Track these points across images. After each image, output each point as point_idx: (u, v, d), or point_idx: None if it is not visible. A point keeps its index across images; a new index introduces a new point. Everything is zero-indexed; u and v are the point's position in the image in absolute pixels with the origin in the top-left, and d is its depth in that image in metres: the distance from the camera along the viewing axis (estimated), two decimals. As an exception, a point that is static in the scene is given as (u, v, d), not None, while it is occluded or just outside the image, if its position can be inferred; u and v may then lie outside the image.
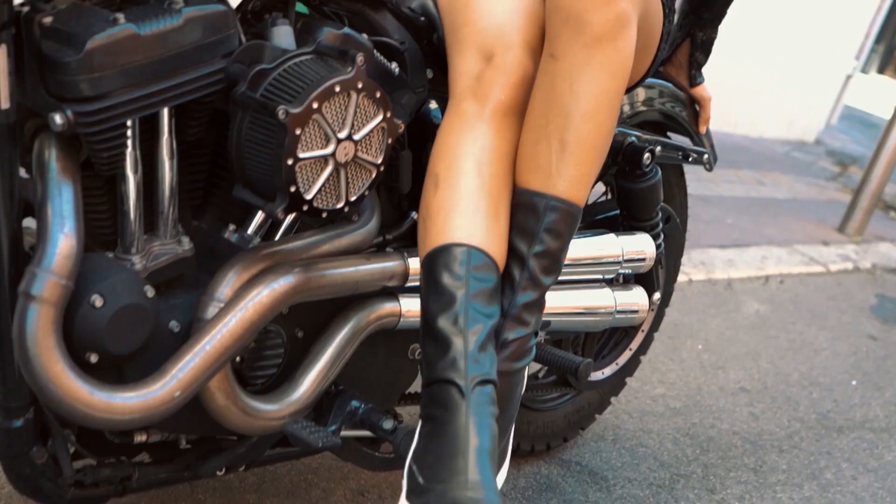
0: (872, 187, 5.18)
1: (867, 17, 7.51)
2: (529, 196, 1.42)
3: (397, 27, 1.60)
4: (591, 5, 1.38)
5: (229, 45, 1.31)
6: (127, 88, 1.22)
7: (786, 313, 3.89)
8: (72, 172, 1.24)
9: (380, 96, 1.36)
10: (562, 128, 1.40)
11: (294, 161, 1.28)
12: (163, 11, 1.25)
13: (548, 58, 1.42)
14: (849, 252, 4.97)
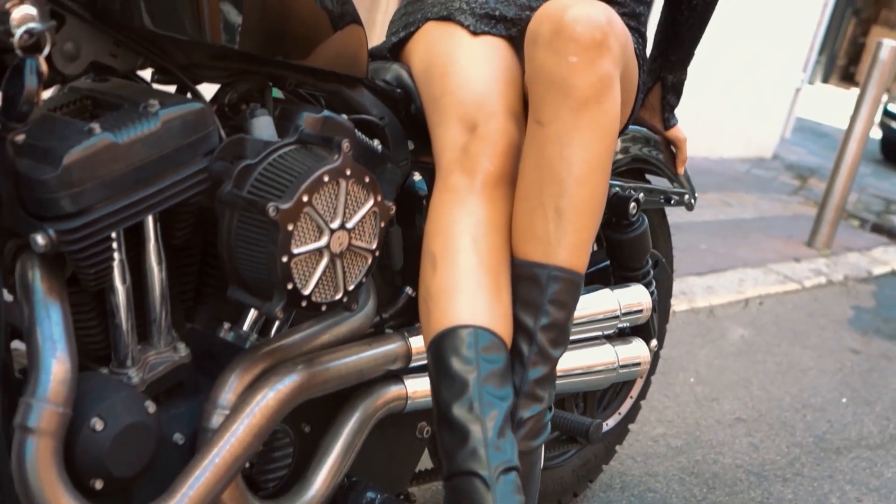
0: (836, 200, 5.21)
1: (810, 30, 7.61)
2: (530, 268, 1.39)
3: (374, 102, 1.57)
4: (575, 69, 1.35)
5: (210, 142, 1.27)
6: (109, 200, 1.17)
7: (769, 335, 3.88)
8: (58, 291, 1.19)
9: (369, 181, 1.32)
10: (556, 195, 1.37)
11: (289, 258, 1.24)
12: (139, 116, 1.21)
13: (534, 125, 1.40)
14: (820, 266, 4.98)
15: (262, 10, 1.28)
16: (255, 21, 1.27)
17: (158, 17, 1.20)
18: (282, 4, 1.30)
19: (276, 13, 1.30)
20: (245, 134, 1.32)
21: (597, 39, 1.36)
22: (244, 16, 1.25)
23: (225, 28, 1.24)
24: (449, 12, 1.61)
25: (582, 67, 1.35)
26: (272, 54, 1.32)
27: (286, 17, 1.32)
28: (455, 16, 1.61)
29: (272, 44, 1.31)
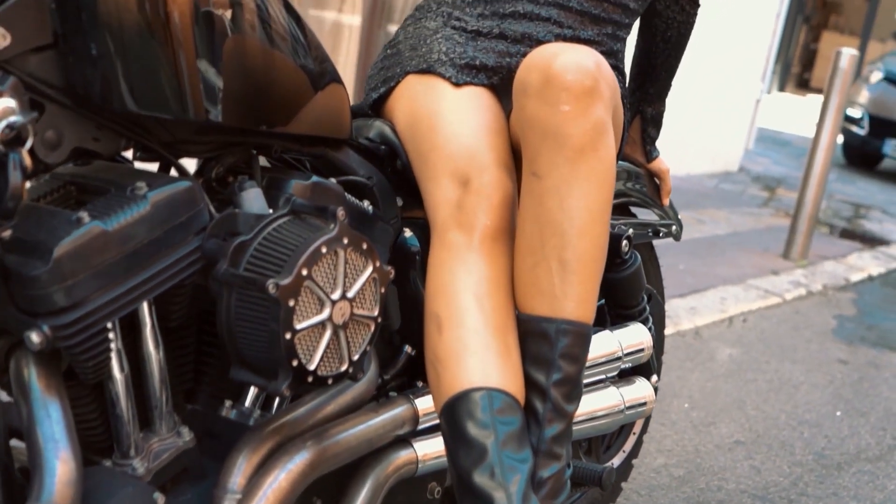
0: (808, 210, 5.22)
1: (766, 40, 7.68)
2: (537, 323, 1.36)
3: (361, 162, 1.54)
4: (568, 118, 1.33)
5: (200, 220, 1.24)
6: (104, 290, 1.13)
7: (757, 353, 3.87)
8: (56, 388, 1.15)
9: (366, 247, 1.29)
10: (559, 247, 1.35)
11: (292, 334, 1.20)
12: (127, 200, 1.17)
13: (531, 177, 1.37)
14: (798, 277, 4.99)
15: (243, 80, 1.25)
16: (238, 93, 1.24)
17: (140, 98, 1.16)
18: (264, 73, 1.28)
19: (258, 82, 1.27)
20: (235, 208, 1.29)
21: (588, 87, 1.34)
22: (226, 89, 1.22)
23: (208, 103, 1.21)
24: (429, 65, 1.59)
25: (575, 116, 1.33)
26: (256, 125, 1.29)
27: (268, 85, 1.29)
28: (435, 68, 1.58)
29: (256, 114, 1.28)
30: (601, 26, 1.69)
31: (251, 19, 1.25)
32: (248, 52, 1.25)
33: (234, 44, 1.22)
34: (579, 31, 1.66)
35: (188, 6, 1.17)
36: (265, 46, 1.28)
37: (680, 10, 1.99)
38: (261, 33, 1.26)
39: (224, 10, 1.21)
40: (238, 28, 1.23)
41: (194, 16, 1.18)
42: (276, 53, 1.29)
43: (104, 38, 1.13)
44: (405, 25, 1.75)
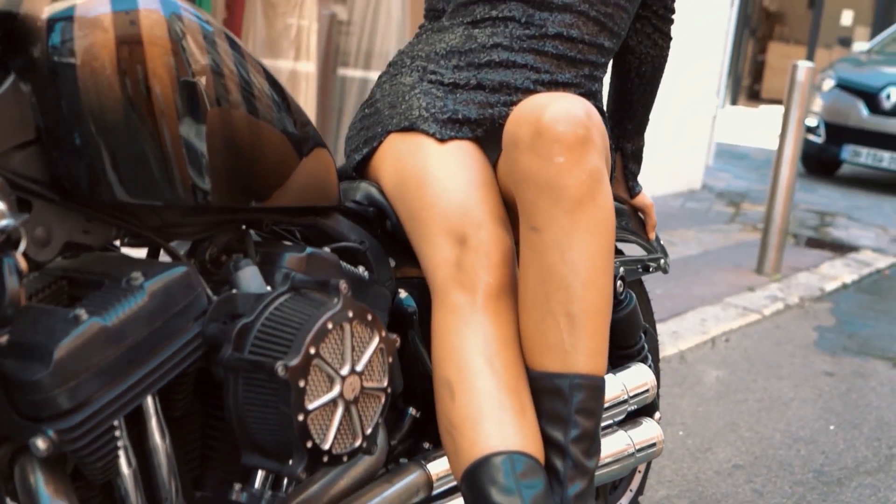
0: (778, 223, 5.25)
1: (718, 55, 7.75)
2: (550, 379, 1.33)
3: (351, 227, 1.52)
4: (563, 170, 1.31)
5: (199, 305, 1.20)
6: (107, 387, 1.10)
7: (743, 372, 3.86)
8: (65, 492, 1.11)
9: (371, 318, 1.26)
10: (565, 301, 1.32)
11: (304, 415, 1.17)
12: (124, 292, 1.14)
13: (529, 231, 1.35)
14: (774, 292, 5.01)
15: (231, 157, 1.22)
16: (227, 171, 1.21)
17: (129, 186, 1.13)
18: (250, 146, 1.25)
19: (246, 157, 1.24)
20: (232, 289, 1.26)
21: (580, 136, 1.32)
22: (214, 168, 1.19)
23: (197, 185, 1.18)
24: (411, 122, 1.57)
25: (570, 167, 1.31)
26: (247, 202, 1.26)
27: (256, 158, 1.26)
28: (418, 125, 1.56)
29: (246, 191, 1.26)
30: (578, 68, 1.68)
31: (232, 89, 1.22)
32: (233, 124, 1.22)
33: (218, 117, 1.20)
34: (557, 75, 1.65)
35: (168, 79, 1.14)
36: (249, 117, 1.25)
37: (653, 44, 1.98)
38: (243, 104, 1.24)
39: (205, 81, 1.18)
40: (220, 100, 1.20)
41: (175, 90, 1.15)
42: (262, 124, 1.27)
43: (87, 126, 1.10)
44: (380, 83, 1.73)
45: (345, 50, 5.64)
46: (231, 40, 1.25)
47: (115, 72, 1.10)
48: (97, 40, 1.09)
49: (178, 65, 1.14)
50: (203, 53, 1.17)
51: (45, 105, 1.09)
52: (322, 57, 5.46)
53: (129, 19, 1.11)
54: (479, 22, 1.68)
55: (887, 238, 6.76)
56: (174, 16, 1.16)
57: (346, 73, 5.70)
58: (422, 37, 1.76)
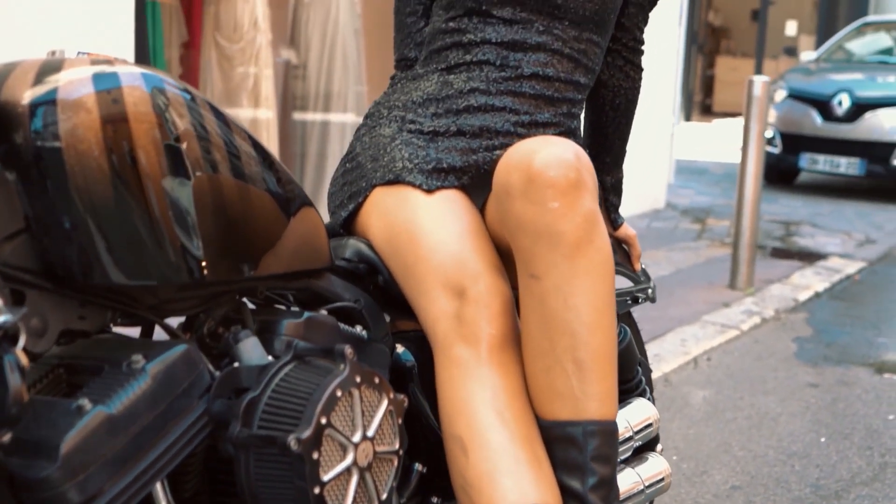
0: (746, 238, 5.27)
1: (672, 74, 7.82)
2: (562, 428, 1.31)
3: (344, 285, 1.49)
4: (558, 214, 1.30)
5: (202, 382, 1.17)
6: (117, 477, 1.06)
7: (728, 390, 3.86)
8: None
9: (378, 381, 1.24)
10: (571, 348, 1.30)
11: (320, 487, 1.14)
12: (126, 376, 1.11)
13: (529, 279, 1.33)
14: (750, 306, 5.02)
15: (224, 230, 1.19)
16: (220, 244, 1.19)
17: (124, 269, 1.10)
18: (242, 215, 1.22)
19: (238, 228, 1.22)
20: (234, 362, 1.23)
21: (572, 180, 1.31)
22: (207, 243, 1.17)
23: (191, 262, 1.15)
24: (396, 174, 1.55)
25: (565, 211, 1.30)
26: (241, 273, 1.24)
27: (248, 227, 1.24)
28: (404, 177, 1.54)
29: (240, 262, 1.23)
30: (557, 107, 1.67)
31: (220, 160, 1.20)
32: (223, 196, 1.20)
33: (208, 190, 1.17)
34: (536, 116, 1.64)
35: (156, 156, 1.12)
36: (238, 186, 1.23)
37: (625, 76, 1.98)
38: (231, 173, 1.22)
39: (192, 154, 1.16)
40: (209, 172, 1.18)
41: (164, 166, 1.12)
42: (251, 191, 1.25)
43: (77, 210, 1.07)
44: (359, 136, 1.71)
45: (303, 94, 5.64)
46: (212, 108, 1.23)
47: (102, 152, 1.07)
48: (82, 122, 1.06)
49: (165, 140, 1.12)
50: (188, 126, 1.15)
51: (33, 192, 1.06)
52: (280, 103, 5.45)
53: (113, 98, 1.08)
54: (453, 68, 1.67)
55: (853, 243, 6.81)
56: (156, 90, 1.13)
57: (305, 117, 5.69)
58: (396, 86, 1.75)
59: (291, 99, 5.66)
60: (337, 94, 5.63)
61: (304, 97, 5.66)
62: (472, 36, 1.66)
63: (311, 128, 5.67)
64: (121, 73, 1.11)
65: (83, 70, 1.09)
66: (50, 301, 1.09)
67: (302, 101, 5.68)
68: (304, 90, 5.63)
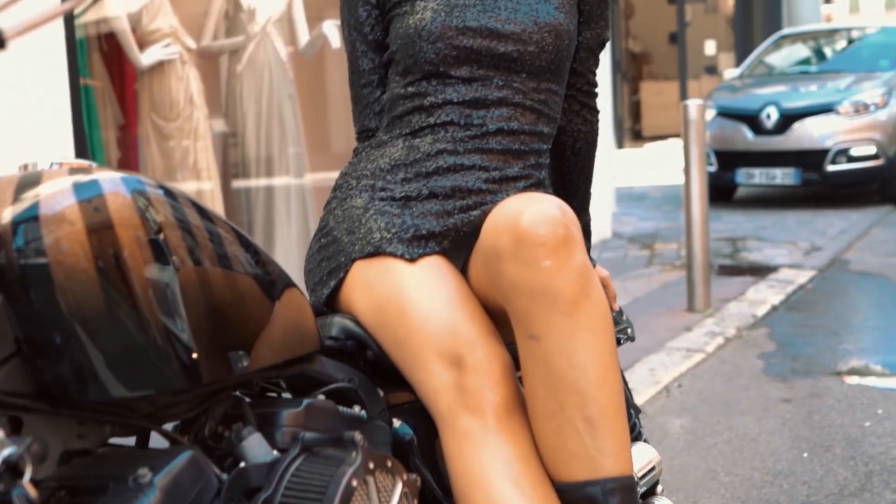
0: (699, 259, 5.31)
1: (606, 102, 7.89)
2: (580, 489, 1.29)
3: (336, 366, 1.46)
4: (552, 272, 1.28)
5: (211, 488, 1.13)
6: None
7: (704, 416, 3.86)
8: None
9: (391, 464, 1.21)
10: (581, 406, 1.28)
11: (347, 584, 1.10)
12: (133, 492, 1.06)
13: (528, 340, 1.31)
14: (711, 327, 5.05)
15: (216, 330, 1.16)
16: (214, 345, 1.15)
17: (121, 382, 1.07)
18: (234, 312, 1.19)
19: (230, 326, 1.18)
20: (240, 461, 1.18)
21: (561, 236, 1.30)
22: (201, 346, 1.13)
23: (187, 366, 1.11)
24: (375, 246, 1.53)
25: (558, 268, 1.28)
26: (236, 370, 1.20)
27: (240, 323, 1.20)
28: (384, 248, 1.52)
29: (234, 359, 1.19)
30: (524, 159, 1.67)
31: (206, 256, 1.17)
32: (213, 294, 1.17)
33: (198, 290, 1.14)
34: (505, 170, 1.64)
35: (144, 260, 1.08)
36: (227, 283, 1.20)
37: (583, 120, 1.98)
38: (220, 269, 1.19)
39: (180, 254, 1.13)
40: (198, 271, 1.14)
41: (154, 270, 1.09)
42: (239, 285, 1.22)
43: (68, 326, 1.03)
44: (330, 209, 1.68)
45: (243, 162, 5.60)
46: (191, 202, 1.20)
47: (90, 263, 1.03)
48: (66, 234, 1.03)
49: (155, 245, 1.09)
50: (172, 225, 1.12)
51: (21, 313, 1.02)
52: (222, 174, 5.42)
53: (95, 206, 1.05)
54: (418, 132, 1.66)
55: (800, 252, 6.90)
56: (136, 192, 1.10)
57: (248, 184, 5.65)
58: (361, 155, 1.73)
59: (232, 168, 5.63)
60: (278, 159, 5.61)
61: (245, 165, 5.62)
62: (433, 98, 1.65)
63: (255, 194, 5.63)
64: (101, 179, 1.07)
65: (62, 181, 1.06)
66: (48, 424, 1.05)
67: (243, 168, 5.65)
68: (245, 158, 5.60)
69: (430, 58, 1.64)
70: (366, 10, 1.74)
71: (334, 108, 6.42)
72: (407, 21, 1.66)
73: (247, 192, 5.66)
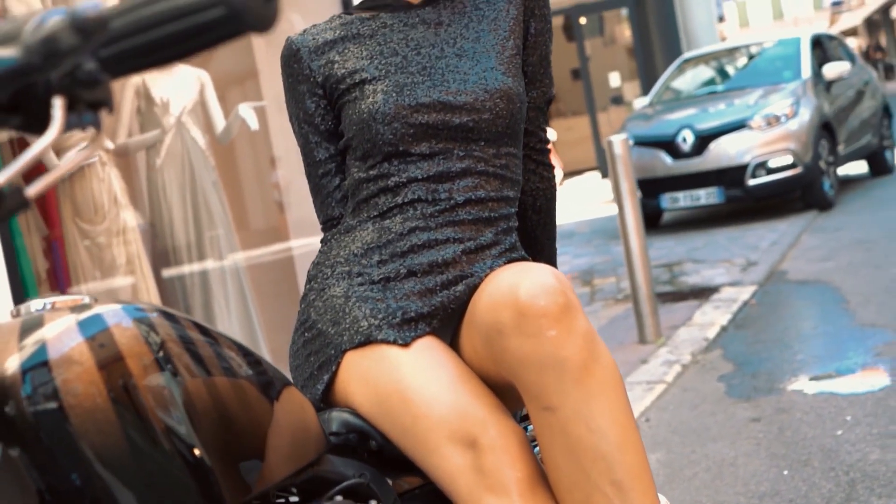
0: (644, 290, 5.35)
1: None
2: (618, 556, 1.26)
3: (344, 462, 1.42)
4: (558, 342, 1.27)
5: None
6: None
7: (677, 446, 3.86)
8: None
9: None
10: (606, 471, 1.26)
11: None
12: None
13: (543, 412, 1.29)
14: (666, 356, 5.08)
15: (234, 450, 1.13)
16: (234, 469, 1.11)
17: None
18: (248, 429, 1.15)
19: (247, 443, 1.15)
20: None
21: (562, 303, 1.29)
22: (222, 468, 1.09)
23: (210, 490, 1.07)
24: (366, 336, 1.50)
25: (564, 337, 1.27)
26: (255, 487, 1.16)
27: (255, 440, 1.17)
28: (375, 336, 1.49)
29: (253, 478, 1.15)
30: (495, 226, 1.66)
31: (217, 376, 1.13)
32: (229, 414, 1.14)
33: (213, 411, 1.11)
34: (479, 239, 1.63)
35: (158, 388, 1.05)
36: (239, 401, 1.17)
37: (540, 178, 1.98)
38: (230, 386, 1.15)
39: (192, 378, 1.09)
40: (211, 392, 1.11)
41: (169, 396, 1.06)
42: (250, 400, 1.18)
43: (90, 466, 0.99)
44: (309, 302, 1.65)
45: (174, 250, 5.54)
46: (193, 323, 1.17)
47: (105, 399, 0.99)
48: (77, 374, 0.99)
49: (164, 369, 1.05)
50: (181, 350, 1.09)
51: (40, 462, 0.97)
52: (153, 266, 5.34)
53: (101, 342, 1.01)
54: (386, 213, 1.65)
55: (737, 269, 7.00)
56: (139, 321, 1.07)
57: (181, 271, 5.58)
58: (331, 243, 1.71)
59: (163, 259, 5.56)
60: (209, 244, 5.55)
61: (176, 253, 5.56)
62: (398, 178, 1.64)
63: (189, 281, 5.57)
64: (103, 314, 1.04)
65: (66, 320, 1.02)
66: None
67: (175, 257, 5.58)
68: (175, 247, 5.54)
69: (388, 139, 1.63)
70: (314, 102, 1.72)
71: (252, 187, 6.41)
72: (359, 106, 1.65)
73: (181, 280, 5.58)
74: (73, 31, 0.68)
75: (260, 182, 6.43)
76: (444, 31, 1.74)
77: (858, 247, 7.14)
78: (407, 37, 1.72)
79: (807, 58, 10.05)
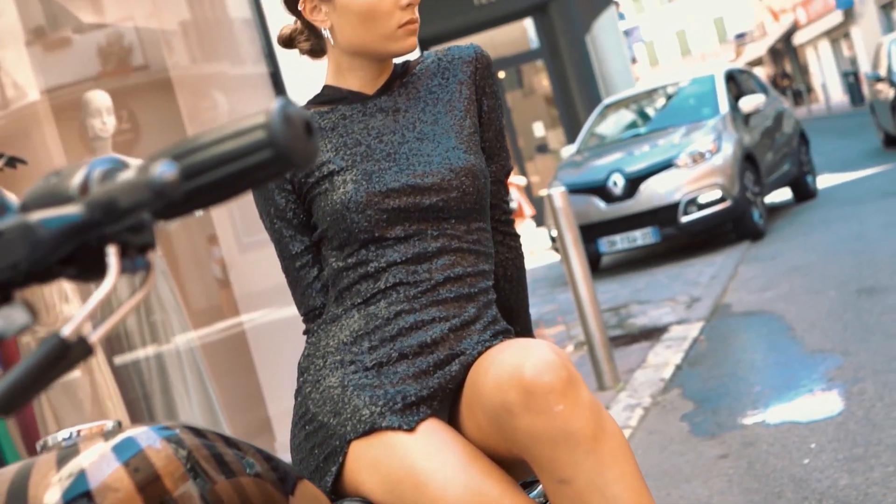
0: (597, 337, 5.42)
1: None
2: None
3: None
4: (566, 416, 1.31)
5: None
6: None
7: (653, 490, 3.89)
8: None
9: None
10: (626, 537, 1.30)
11: None
12: None
13: (559, 485, 1.33)
14: (627, 401, 5.14)
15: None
16: None
17: None
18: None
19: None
20: None
21: (565, 377, 1.33)
22: None
23: None
24: (370, 424, 1.53)
25: (571, 410, 1.31)
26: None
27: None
28: (379, 424, 1.52)
29: None
30: (476, 300, 1.71)
31: (245, 483, 1.16)
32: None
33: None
34: (463, 315, 1.68)
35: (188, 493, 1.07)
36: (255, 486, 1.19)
37: (507, 248, 2.03)
38: (257, 491, 1.17)
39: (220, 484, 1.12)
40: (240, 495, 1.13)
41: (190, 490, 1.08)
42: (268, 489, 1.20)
43: None
44: (306, 395, 1.67)
45: (128, 337, 5.51)
46: (210, 431, 1.20)
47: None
48: (118, 500, 1.01)
49: (194, 478, 1.07)
50: (206, 458, 1.11)
51: None
52: (109, 356, 5.30)
53: (136, 465, 1.03)
54: (370, 299, 1.68)
55: (682, 307, 7.12)
56: (167, 440, 1.09)
57: (137, 357, 5.55)
58: (318, 334, 1.73)
59: (119, 347, 5.52)
60: (162, 327, 5.54)
61: (129, 340, 5.53)
62: (377, 263, 1.68)
63: (146, 364, 5.54)
64: (134, 436, 1.06)
65: (100, 447, 1.04)
66: None
67: (129, 343, 5.55)
68: (128, 334, 5.50)
69: (364, 226, 1.67)
70: (283, 197, 1.76)
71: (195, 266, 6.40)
72: (331, 197, 1.69)
73: (136, 366, 5.54)
74: (146, 191, 0.71)
75: (201, 261, 6.42)
76: (402, 116, 1.79)
77: (795, 273, 7.31)
78: (367, 126, 1.77)
79: (723, 93, 10.34)
